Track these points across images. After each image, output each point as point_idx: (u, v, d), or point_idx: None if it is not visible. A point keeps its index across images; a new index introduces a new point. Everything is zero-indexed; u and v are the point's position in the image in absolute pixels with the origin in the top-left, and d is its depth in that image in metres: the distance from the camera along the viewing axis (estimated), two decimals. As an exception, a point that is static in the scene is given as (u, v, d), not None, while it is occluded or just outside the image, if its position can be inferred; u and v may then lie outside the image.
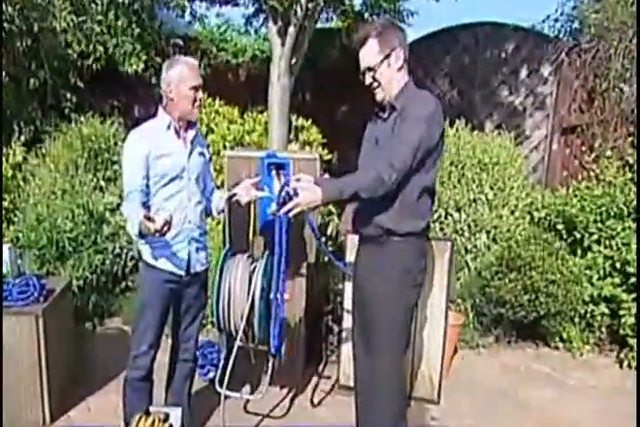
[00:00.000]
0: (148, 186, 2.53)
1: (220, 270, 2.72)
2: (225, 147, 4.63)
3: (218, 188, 2.96)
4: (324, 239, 3.86)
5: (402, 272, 2.41)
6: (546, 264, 4.18)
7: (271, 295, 2.69)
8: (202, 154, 2.73)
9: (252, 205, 2.85)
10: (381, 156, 2.26)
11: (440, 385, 3.47)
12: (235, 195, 2.75)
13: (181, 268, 2.63)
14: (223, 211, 2.83)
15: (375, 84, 2.41)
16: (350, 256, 3.51)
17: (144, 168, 2.50)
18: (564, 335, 4.35)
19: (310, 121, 5.04)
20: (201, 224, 2.71)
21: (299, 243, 3.35)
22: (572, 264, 4.36)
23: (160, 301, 2.61)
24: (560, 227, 4.59)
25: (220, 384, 2.79)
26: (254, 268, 2.77)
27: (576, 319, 4.34)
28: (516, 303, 4.10)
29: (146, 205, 2.51)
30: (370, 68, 2.38)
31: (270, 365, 2.91)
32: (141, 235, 2.32)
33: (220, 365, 2.84)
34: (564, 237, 4.58)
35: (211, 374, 3.53)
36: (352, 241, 3.55)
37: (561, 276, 4.18)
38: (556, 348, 4.36)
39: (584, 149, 5.96)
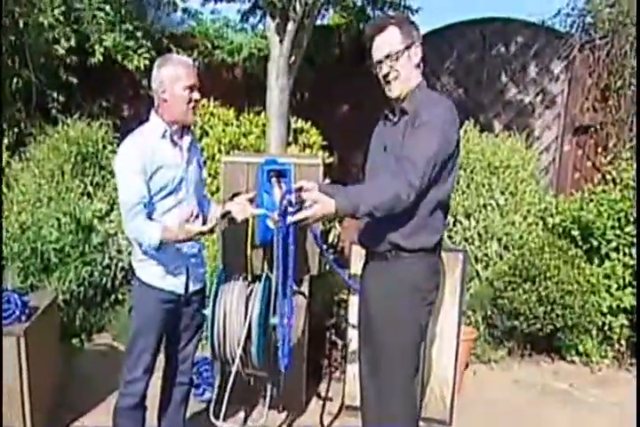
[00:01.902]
0: (151, 197, 2.29)
1: (214, 295, 2.46)
2: (220, 150, 4.38)
3: (212, 195, 2.70)
4: (325, 248, 3.60)
5: (412, 291, 2.18)
6: (561, 274, 3.94)
7: (271, 320, 2.43)
8: (199, 162, 2.50)
9: (248, 221, 2.60)
10: (397, 169, 2.03)
11: (452, 405, 3.23)
12: (229, 212, 2.49)
13: (180, 286, 2.41)
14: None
15: (392, 76, 2.16)
16: (355, 268, 3.28)
17: (143, 181, 2.25)
18: (581, 349, 4.11)
19: (310, 123, 4.79)
20: (198, 239, 2.46)
21: (300, 254, 3.10)
22: (588, 273, 4.13)
23: (158, 324, 2.38)
24: (575, 233, 4.34)
25: (216, 416, 2.53)
26: (251, 291, 2.51)
27: (593, 332, 4.10)
28: (531, 315, 3.85)
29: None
30: (388, 57, 2.14)
31: (269, 391, 2.66)
32: (161, 244, 2.24)
33: (214, 394, 2.58)
34: (580, 244, 4.34)
35: (207, 395, 3.28)
36: (356, 252, 3.32)
37: (578, 286, 3.94)
38: (573, 362, 4.13)
39: (598, 150, 5.72)
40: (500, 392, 3.67)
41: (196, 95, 2.31)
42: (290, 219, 1.98)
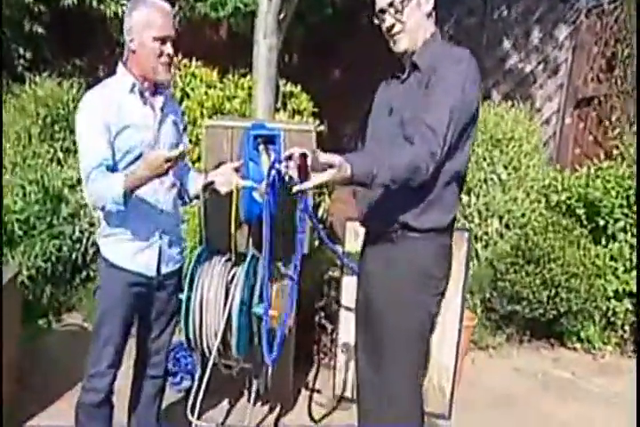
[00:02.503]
0: (115, 161, 1.96)
1: (190, 277, 2.15)
2: (202, 115, 4.01)
3: (193, 164, 2.37)
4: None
5: (420, 275, 1.90)
6: (567, 255, 3.68)
7: (255, 309, 2.13)
8: (175, 123, 2.16)
9: (233, 194, 2.28)
10: (414, 136, 1.73)
11: (452, 396, 2.99)
12: (212, 183, 2.17)
13: (151, 267, 2.09)
14: (198, 197, 2.24)
15: (397, 28, 1.86)
16: (350, 246, 2.98)
17: (106, 141, 1.93)
18: (583, 335, 3.87)
19: (300, 87, 4.42)
20: (175, 212, 2.15)
21: (288, 230, 2.79)
22: (594, 255, 3.88)
23: (124, 309, 2.08)
24: (580, 212, 4.07)
25: (193, 413, 2.25)
26: (233, 275, 2.20)
27: (596, 317, 3.86)
28: (534, 300, 3.60)
29: None
30: (392, 4, 1.83)
31: (254, 385, 2.38)
32: (126, 198, 1.89)
33: (194, 387, 2.29)
34: (585, 223, 4.08)
35: (185, 384, 3.00)
36: (351, 229, 3.01)
37: (583, 268, 3.69)
38: (574, 349, 3.90)
39: (601, 123, 5.44)
40: (500, 382, 3.43)
41: (168, 49, 1.97)
42: (304, 186, 1.60)
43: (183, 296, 2.12)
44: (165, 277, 2.15)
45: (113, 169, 1.94)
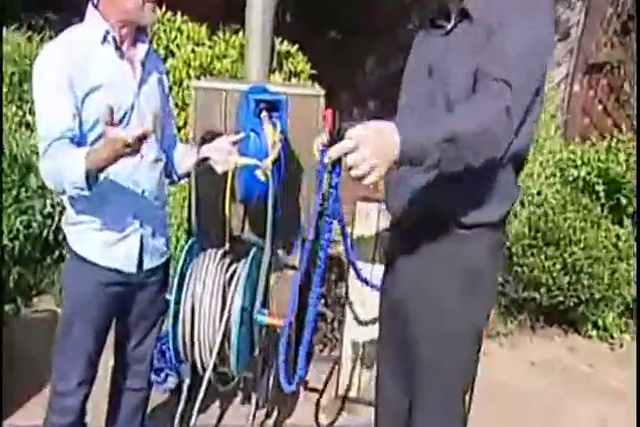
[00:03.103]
0: (82, 132, 1.57)
1: (180, 276, 1.77)
2: (189, 76, 3.59)
3: (180, 140, 1.97)
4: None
5: (467, 282, 1.54)
6: (589, 237, 3.37)
7: (258, 316, 1.78)
8: (160, 82, 1.76)
9: (229, 172, 1.92)
10: (482, 91, 1.32)
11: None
12: (206, 159, 1.79)
13: (131, 262, 1.72)
14: (189, 175, 1.87)
15: None
16: (361, 230, 2.61)
17: (71, 104, 1.53)
18: (600, 322, 3.60)
19: (297, 46, 3.99)
20: (159, 194, 1.77)
21: (291, 211, 2.45)
22: (614, 236, 3.58)
23: (97, 313, 1.71)
24: (599, 189, 3.75)
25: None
26: (232, 273, 1.83)
27: (616, 304, 3.58)
28: (554, 286, 3.30)
29: None
30: None
31: (254, 398, 2.05)
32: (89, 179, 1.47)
33: (182, 399, 1.96)
34: (603, 201, 3.76)
35: (170, 381, 2.66)
36: (362, 210, 2.65)
37: (606, 252, 3.39)
38: (589, 336, 3.63)
39: (616, 92, 5.09)
40: (514, 376, 3.15)
41: None
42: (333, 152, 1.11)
43: (171, 297, 1.76)
44: (148, 273, 1.78)
45: (79, 143, 1.55)
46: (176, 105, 3.57)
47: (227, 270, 1.82)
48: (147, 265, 1.75)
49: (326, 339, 3.07)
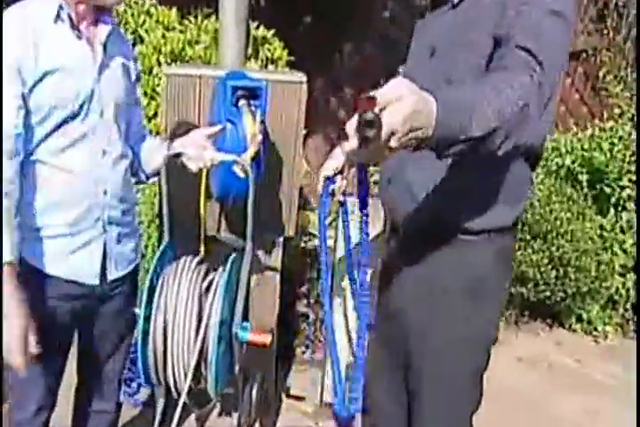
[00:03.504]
0: (31, 126, 1.36)
1: (149, 287, 1.59)
2: (159, 62, 3.37)
3: (150, 132, 1.79)
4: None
5: (472, 292, 1.39)
6: (575, 229, 3.29)
7: (238, 332, 1.61)
8: (125, 68, 1.56)
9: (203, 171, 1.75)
10: (510, 62, 1.13)
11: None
12: (179, 155, 1.61)
13: (92, 273, 1.52)
14: (159, 173, 1.69)
15: None
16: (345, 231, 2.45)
17: (17, 93, 1.32)
18: (584, 315, 3.53)
19: (273, 31, 3.80)
20: (125, 195, 1.57)
21: (271, 208, 2.30)
22: (598, 226, 3.50)
23: (55, 331, 1.49)
24: (583, 178, 3.68)
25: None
26: (210, 283, 1.66)
27: (601, 296, 3.52)
28: (541, 281, 3.21)
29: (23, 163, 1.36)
30: None
31: (238, 415, 1.89)
32: None
33: (157, 421, 1.79)
34: (586, 191, 3.69)
35: (142, 393, 2.48)
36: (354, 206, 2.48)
37: (592, 243, 3.32)
38: (573, 330, 3.56)
39: (592, 80, 5.03)
40: (500, 372, 3.02)
41: None
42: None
43: (140, 312, 1.58)
44: (113, 284, 1.57)
45: (26, 142, 1.35)
46: (145, 94, 3.36)
47: (203, 280, 1.63)
48: (111, 275, 1.55)
49: (308, 341, 2.92)
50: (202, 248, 1.95)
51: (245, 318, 1.75)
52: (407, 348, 1.46)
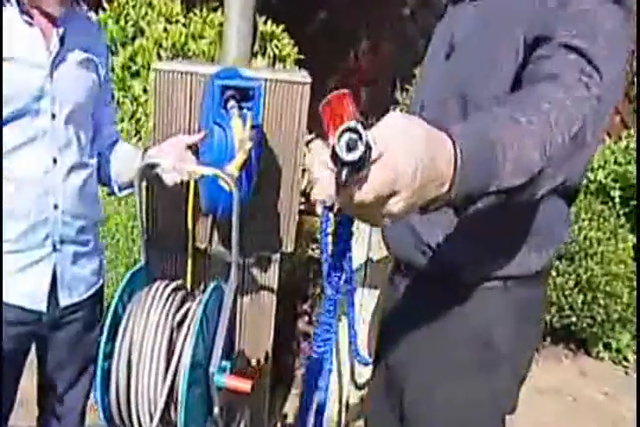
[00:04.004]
0: None
1: (112, 316, 1.34)
2: (160, 57, 3.16)
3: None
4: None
5: (480, 345, 1.14)
6: (606, 250, 3.00)
7: (217, 377, 1.36)
8: (90, 64, 1.33)
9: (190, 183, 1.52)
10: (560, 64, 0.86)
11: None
12: (154, 166, 1.37)
13: (38, 297, 1.30)
14: (132, 186, 1.45)
15: None
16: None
17: None
18: (613, 343, 3.24)
19: (282, 27, 3.56)
20: (83, 211, 1.35)
21: (268, 221, 2.06)
22: (630, 247, 3.21)
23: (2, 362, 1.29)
24: (615, 194, 3.38)
25: None
26: (184, 314, 1.41)
27: (630, 323, 3.22)
28: (567, 306, 2.92)
29: None
30: None
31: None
32: None
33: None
34: (618, 207, 3.39)
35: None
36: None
37: (624, 267, 3.02)
38: (600, 358, 3.27)
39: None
40: (522, 406, 2.78)
41: None
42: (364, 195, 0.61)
43: (101, 345, 1.34)
44: (67, 310, 1.37)
45: None
46: (145, 90, 3.15)
47: (177, 311, 1.40)
48: (64, 301, 1.34)
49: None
50: (189, 264, 1.74)
51: (227, 356, 1.50)
52: (404, 407, 1.20)
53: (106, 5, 3.23)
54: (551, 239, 1.12)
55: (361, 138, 0.55)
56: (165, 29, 3.23)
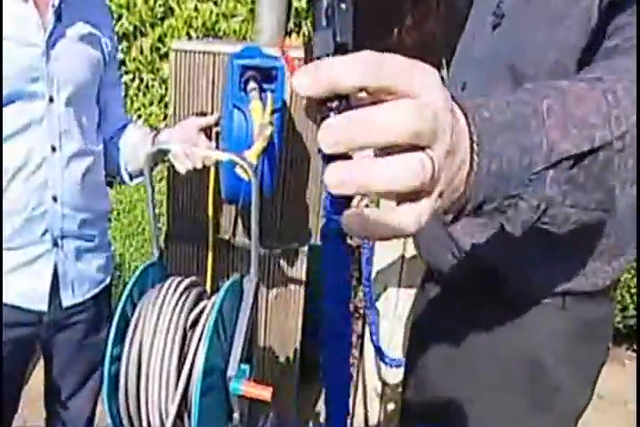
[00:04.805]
0: None
1: (119, 316, 1.24)
2: (190, 37, 3.05)
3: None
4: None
5: (528, 375, 0.97)
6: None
7: (234, 384, 1.24)
8: (94, 39, 1.22)
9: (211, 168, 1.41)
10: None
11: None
12: (166, 152, 1.26)
13: (38, 297, 1.21)
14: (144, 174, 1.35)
15: None
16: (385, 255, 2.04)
17: None
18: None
19: (318, 3, 3.40)
20: (86, 202, 1.25)
21: (296, 210, 1.94)
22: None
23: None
24: None
25: None
26: (199, 314, 1.29)
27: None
28: (632, 305, 2.72)
29: None
30: None
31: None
32: None
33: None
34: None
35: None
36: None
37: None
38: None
39: None
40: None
41: None
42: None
43: (108, 347, 1.24)
44: (71, 310, 1.27)
45: None
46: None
47: (191, 310, 1.28)
48: (67, 301, 1.25)
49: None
50: (209, 256, 1.64)
51: (248, 359, 1.39)
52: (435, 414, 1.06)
53: (135, -15, 3.13)
54: (624, 244, 0.92)
55: None
56: (196, 8, 3.11)
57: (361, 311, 2.48)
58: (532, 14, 0.87)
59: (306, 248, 1.97)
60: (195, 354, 1.21)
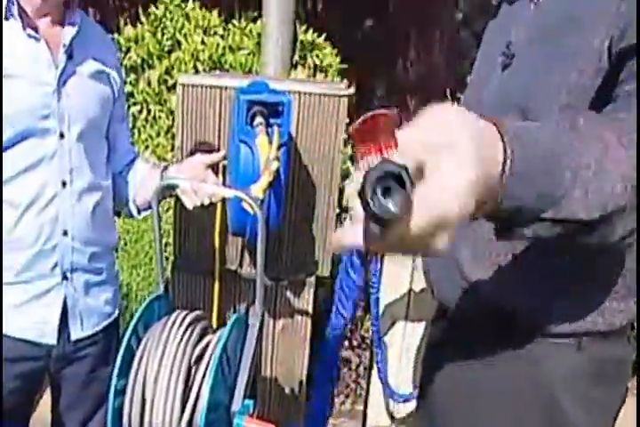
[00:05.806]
0: None
1: (124, 350, 1.24)
2: (197, 70, 3.10)
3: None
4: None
5: (544, 419, 0.93)
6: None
7: (238, 421, 1.23)
8: (103, 76, 1.25)
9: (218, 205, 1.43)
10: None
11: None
12: (174, 188, 1.28)
13: (48, 331, 1.22)
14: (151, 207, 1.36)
15: None
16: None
17: None
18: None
19: (324, 36, 3.45)
20: (96, 236, 1.26)
21: (303, 242, 1.95)
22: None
23: (6, 400, 1.20)
24: None
25: None
26: (204, 348, 1.29)
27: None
28: None
29: None
30: None
31: None
32: None
33: None
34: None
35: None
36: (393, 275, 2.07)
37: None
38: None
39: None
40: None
41: None
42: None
43: (112, 380, 1.24)
44: (80, 343, 1.28)
45: None
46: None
47: (196, 344, 1.28)
48: (76, 334, 1.25)
49: (348, 389, 2.54)
50: (215, 287, 1.65)
51: (252, 395, 1.38)
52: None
53: (143, 19, 3.19)
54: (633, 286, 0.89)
55: (402, 185, 0.42)
56: (203, 42, 3.16)
57: (368, 342, 2.48)
58: (542, 55, 0.86)
59: (313, 279, 1.97)
60: (199, 389, 1.21)
